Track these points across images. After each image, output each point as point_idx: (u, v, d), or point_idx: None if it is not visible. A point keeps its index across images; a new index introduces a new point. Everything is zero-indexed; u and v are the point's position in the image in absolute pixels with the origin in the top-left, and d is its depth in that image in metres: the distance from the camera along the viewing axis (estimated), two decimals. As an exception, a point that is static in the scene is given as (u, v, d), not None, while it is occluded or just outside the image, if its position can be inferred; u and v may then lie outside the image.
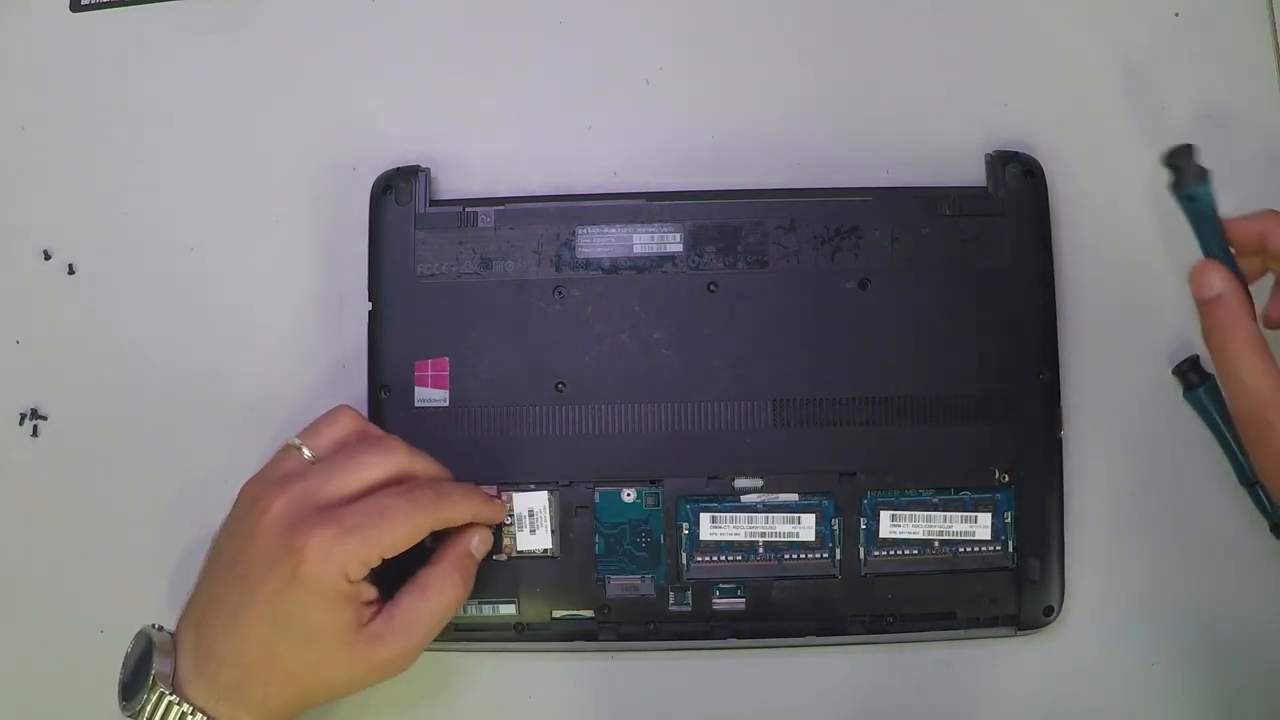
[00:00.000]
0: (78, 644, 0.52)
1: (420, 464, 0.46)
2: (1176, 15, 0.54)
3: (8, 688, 0.52)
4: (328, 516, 0.43)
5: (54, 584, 0.52)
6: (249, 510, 0.44)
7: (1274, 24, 0.54)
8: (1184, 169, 0.44)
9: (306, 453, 0.46)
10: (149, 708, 0.42)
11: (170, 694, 0.42)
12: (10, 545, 0.52)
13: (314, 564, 0.42)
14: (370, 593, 0.44)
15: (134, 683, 0.43)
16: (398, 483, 0.45)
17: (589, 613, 0.49)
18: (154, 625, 0.45)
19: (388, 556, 0.44)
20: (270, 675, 0.43)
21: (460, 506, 0.47)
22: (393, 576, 0.46)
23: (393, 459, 0.45)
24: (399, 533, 0.44)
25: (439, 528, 0.46)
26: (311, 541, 0.42)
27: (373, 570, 0.44)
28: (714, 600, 0.49)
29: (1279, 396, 0.42)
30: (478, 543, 0.48)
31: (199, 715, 0.42)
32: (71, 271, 0.54)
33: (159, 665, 0.43)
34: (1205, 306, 0.44)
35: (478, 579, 0.48)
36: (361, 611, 0.44)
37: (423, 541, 0.46)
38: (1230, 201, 0.53)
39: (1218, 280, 0.44)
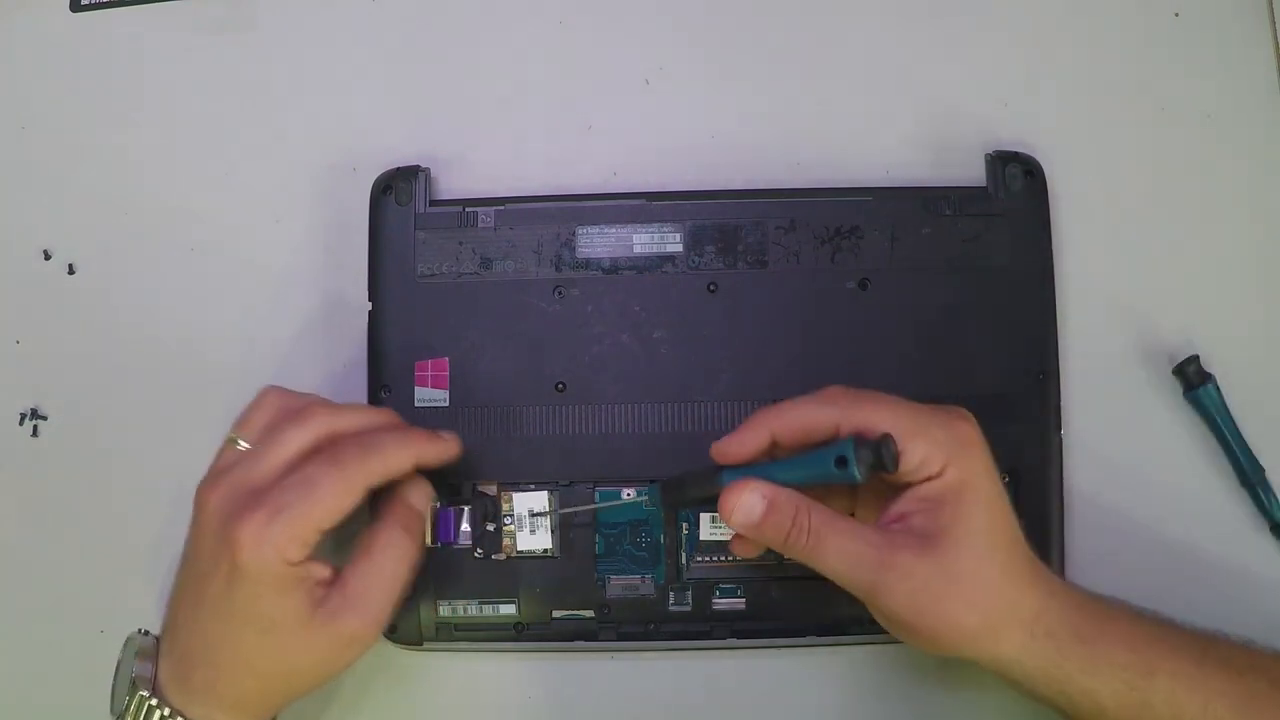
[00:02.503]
0: (78, 644, 0.52)
1: (346, 420, 0.45)
2: (1176, 15, 0.54)
3: (8, 688, 0.52)
4: (256, 501, 0.42)
5: (54, 584, 0.52)
6: (196, 511, 0.44)
7: (1274, 24, 0.54)
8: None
9: (242, 443, 0.45)
10: (131, 710, 0.42)
11: (150, 697, 0.42)
12: (10, 545, 0.53)
13: (249, 552, 0.41)
14: (323, 571, 0.43)
15: (119, 687, 0.43)
16: (331, 442, 0.44)
17: (589, 613, 0.49)
18: (140, 630, 0.45)
19: (326, 528, 0.43)
20: (238, 672, 0.42)
21: (395, 454, 0.44)
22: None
23: (312, 424, 0.44)
24: (329, 501, 0.42)
25: (378, 483, 0.44)
26: (243, 530, 0.41)
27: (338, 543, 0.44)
28: (714, 600, 0.49)
29: (882, 555, 0.41)
30: (416, 494, 0.46)
31: (177, 718, 0.42)
32: (71, 271, 0.54)
33: (139, 669, 0.43)
34: (782, 532, 0.42)
35: (478, 578, 0.48)
36: (314, 591, 0.43)
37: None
38: (1228, 204, 0.53)
39: (758, 498, 0.42)
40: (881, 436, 0.41)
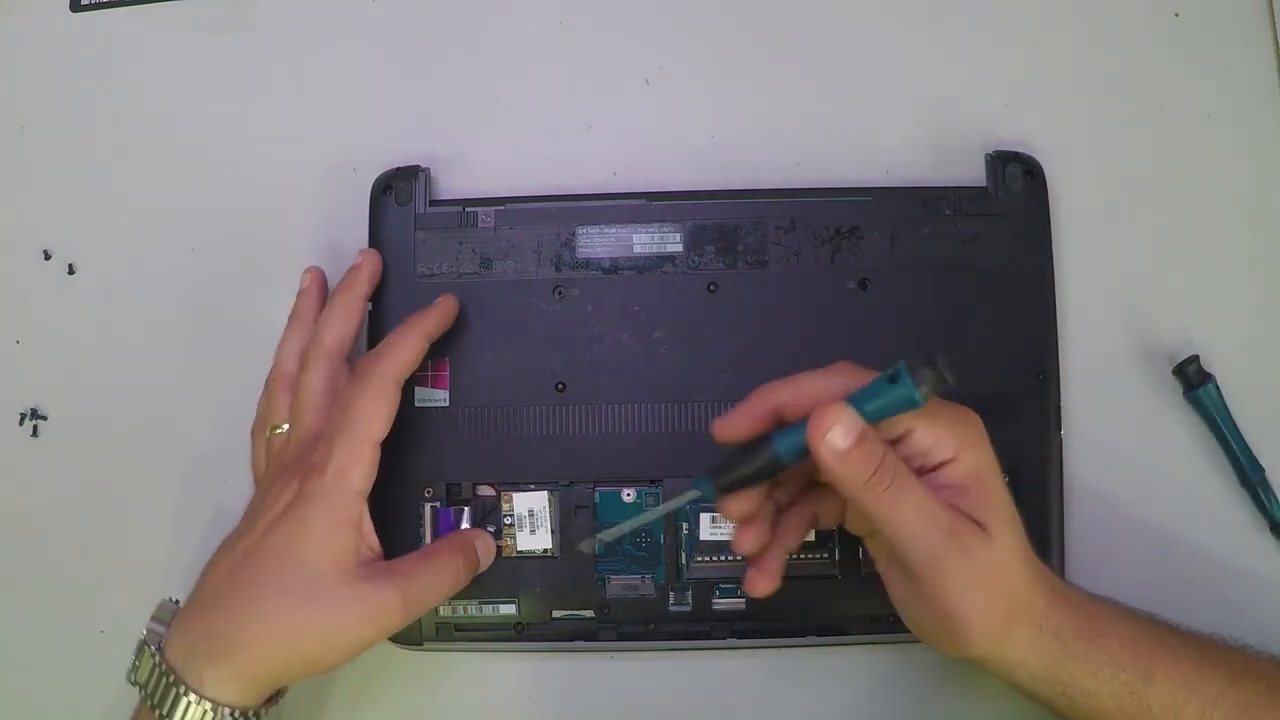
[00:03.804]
0: (78, 644, 0.52)
1: (332, 332, 0.48)
2: (1176, 15, 0.54)
3: (8, 688, 0.52)
4: (315, 439, 0.45)
5: (54, 584, 0.52)
6: (257, 488, 0.47)
7: (1274, 24, 0.54)
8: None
9: (279, 430, 0.48)
10: (138, 665, 0.43)
11: (155, 654, 0.43)
12: (10, 545, 0.53)
13: (314, 477, 0.44)
14: (375, 541, 0.45)
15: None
16: (337, 363, 0.48)
17: (589, 613, 0.49)
18: (170, 598, 0.46)
19: (377, 438, 0.45)
20: (249, 618, 0.42)
21: (407, 347, 0.47)
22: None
23: (314, 360, 0.47)
24: (370, 415, 0.45)
25: (403, 376, 0.46)
26: (312, 458, 0.44)
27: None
28: (714, 600, 0.49)
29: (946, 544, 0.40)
30: (481, 545, 0.48)
31: (170, 674, 0.42)
32: (71, 271, 0.54)
33: (151, 627, 0.44)
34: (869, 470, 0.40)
35: (478, 579, 0.48)
36: (362, 550, 0.44)
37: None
38: (1228, 204, 0.53)
39: (852, 425, 0.40)
40: (934, 353, 0.39)
